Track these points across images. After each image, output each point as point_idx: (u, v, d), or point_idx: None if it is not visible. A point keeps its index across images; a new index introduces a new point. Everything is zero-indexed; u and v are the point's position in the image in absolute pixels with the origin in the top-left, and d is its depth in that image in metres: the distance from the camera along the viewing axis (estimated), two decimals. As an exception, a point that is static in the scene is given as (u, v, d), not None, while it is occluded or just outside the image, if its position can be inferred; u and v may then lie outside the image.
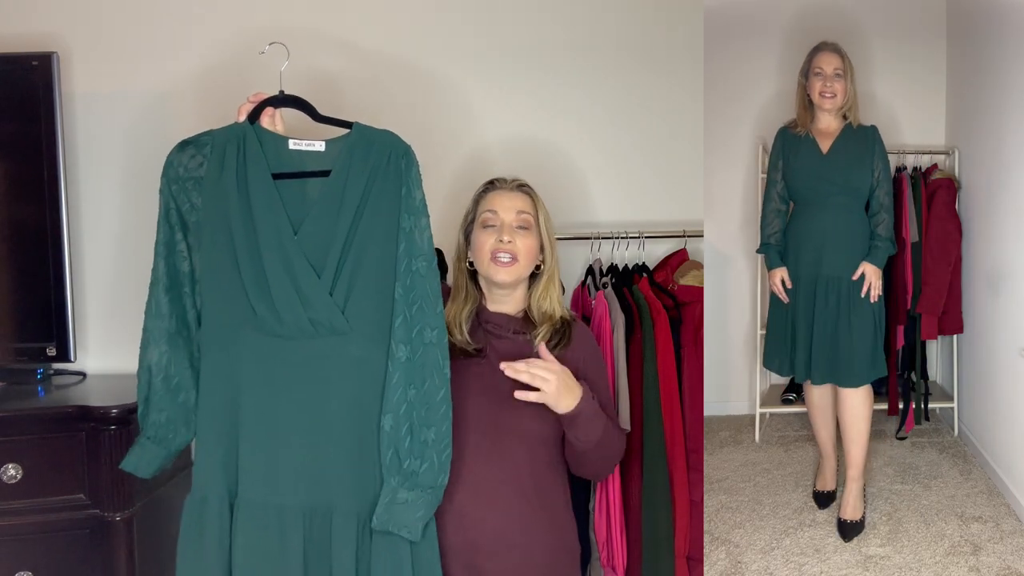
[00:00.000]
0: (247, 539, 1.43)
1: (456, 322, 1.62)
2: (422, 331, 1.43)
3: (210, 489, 1.44)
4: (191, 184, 1.46)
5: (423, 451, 1.42)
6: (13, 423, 1.73)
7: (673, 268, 2.22)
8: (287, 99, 1.52)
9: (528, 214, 1.64)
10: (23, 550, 1.73)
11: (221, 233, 1.43)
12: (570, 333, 1.64)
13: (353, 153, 1.44)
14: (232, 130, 1.47)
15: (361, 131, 1.47)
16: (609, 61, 2.32)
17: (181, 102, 2.14)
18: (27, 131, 1.95)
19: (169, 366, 1.49)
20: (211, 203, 1.44)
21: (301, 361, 1.42)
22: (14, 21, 2.12)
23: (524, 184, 1.68)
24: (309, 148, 1.46)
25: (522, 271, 1.63)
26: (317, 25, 2.19)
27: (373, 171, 1.44)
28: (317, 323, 1.41)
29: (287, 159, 1.46)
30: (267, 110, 1.50)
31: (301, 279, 1.39)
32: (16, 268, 1.97)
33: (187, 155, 1.47)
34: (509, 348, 1.61)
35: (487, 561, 1.53)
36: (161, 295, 1.48)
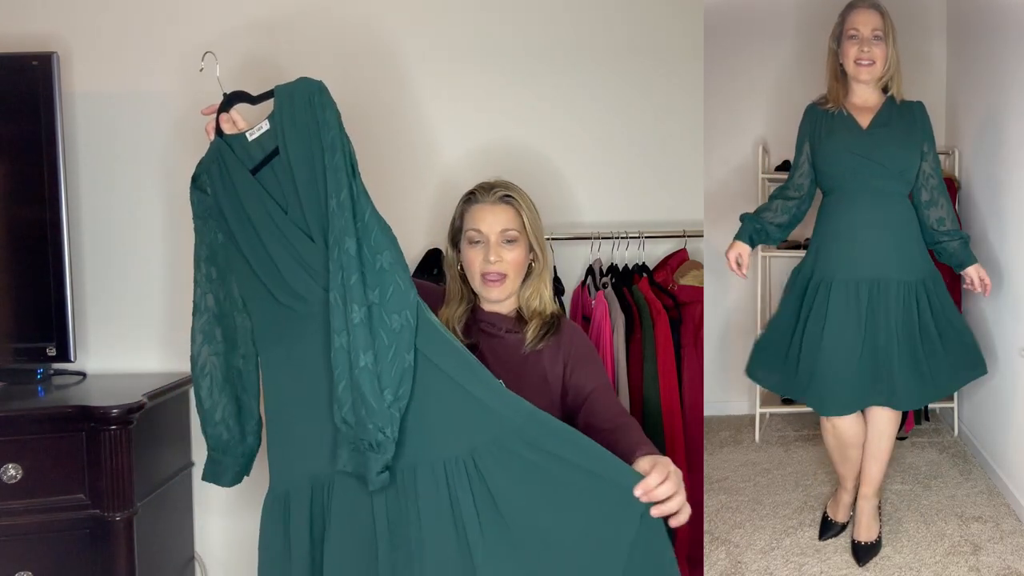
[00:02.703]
0: (339, 513, 1.41)
1: (450, 323, 1.63)
2: (349, 277, 1.38)
3: (294, 483, 1.45)
4: (211, 222, 1.53)
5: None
6: (13, 423, 1.73)
7: (673, 268, 2.22)
8: (231, 99, 1.53)
9: (513, 229, 1.61)
10: (23, 550, 1.73)
11: (234, 245, 1.50)
12: (559, 324, 1.65)
13: (283, 117, 1.45)
14: (210, 152, 1.52)
15: (281, 90, 1.47)
16: (608, 60, 2.32)
17: (181, 102, 2.14)
18: (27, 131, 1.95)
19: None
20: (221, 223, 1.51)
21: (321, 332, 1.42)
22: (14, 21, 2.12)
23: (507, 193, 1.62)
24: (260, 132, 1.48)
25: (513, 285, 1.63)
26: (313, 20, 2.19)
27: (302, 125, 1.44)
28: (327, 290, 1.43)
29: (253, 151, 1.49)
30: (223, 117, 1.52)
31: (299, 249, 1.43)
32: (16, 268, 1.97)
33: (194, 195, 1.54)
34: (501, 346, 1.62)
35: None
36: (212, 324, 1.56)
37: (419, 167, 2.25)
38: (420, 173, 2.25)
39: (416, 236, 2.22)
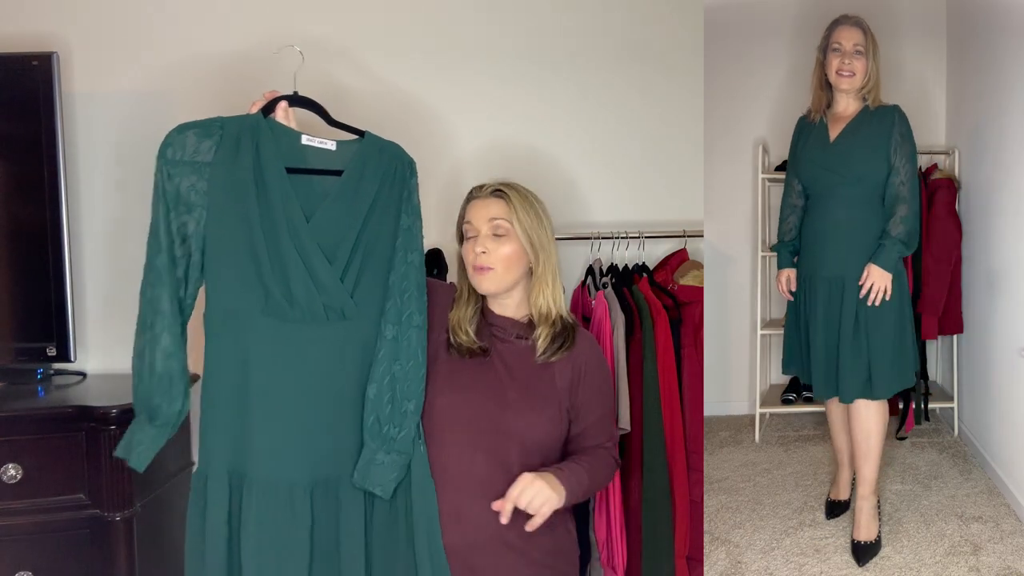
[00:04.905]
0: (259, 515, 1.48)
1: (461, 324, 1.62)
2: (411, 315, 1.56)
3: (213, 467, 1.49)
4: (190, 168, 1.48)
5: (402, 420, 1.53)
6: (13, 423, 1.73)
7: (673, 268, 2.22)
8: (301, 100, 1.60)
9: (501, 220, 1.59)
10: (23, 550, 1.73)
11: (235, 220, 1.48)
12: (573, 337, 1.63)
13: (366, 157, 1.57)
14: (246, 120, 1.51)
15: (373, 139, 1.60)
16: (609, 60, 2.32)
17: (181, 102, 2.14)
18: (27, 131, 1.94)
19: (172, 349, 1.50)
20: (223, 190, 1.48)
21: (310, 344, 1.50)
22: (14, 21, 2.12)
23: (500, 189, 1.61)
24: (321, 146, 1.56)
25: (501, 279, 1.60)
26: (322, 31, 2.19)
27: (384, 175, 1.57)
28: (329, 308, 1.50)
29: (298, 153, 1.54)
30: (282, 104, 1.56)
31: (315, 264, 1.48)
32: (16, 268, 1.97)
33: (190, 139, 1.49)
34: (511, 351, 1.62)
35: (482, 558, 1.54)
36: (164, 276, 1.48)
37: (424, 169, 2.25)
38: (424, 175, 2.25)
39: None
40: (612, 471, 1.68)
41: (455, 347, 1.60)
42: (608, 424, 1.69)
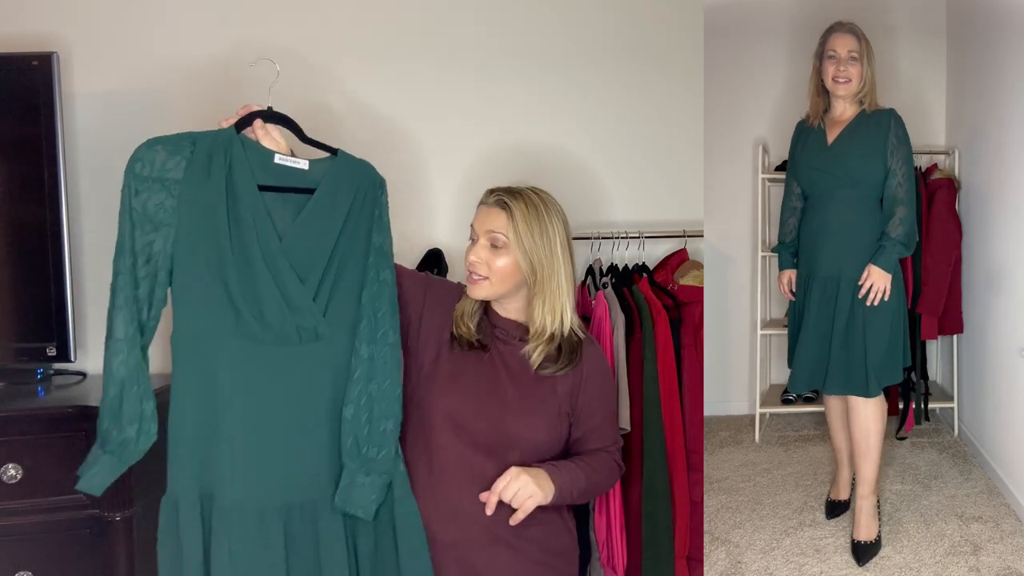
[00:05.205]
0: (230, 544, 1.43)
1: (463, 316, 1.62)
2: (385, 333, 1.53)
3: (183, 493, 1.44)
4: (159, 185, 1.44)
5: (382, 439, 1.52)
6: (13, 423, 1.73)
7: (673, 268, 2.22)
8: (275, 116, 1.54)
9: (499, 233, 1.56)
10: (23, 550, 1.73)
11: (205, 239, 1.43)
12: (579, 353, 1.61)
13: (339, 176, 1.53)
14: (218, 136, 1.47)
15: (345, 158, 1.56)
16: (609, 61, 2.32)
17: (181, 102, 2.14)
18: (27, 131, 1.94)
19: (122, 374, 1.44)
20: (193, 208, 1.44)
21: (282, 366, 1.46)
22: (14, 21, 2.11)
23: (503, 198, 1.58)
24: (295, 165, 1.51)
25: (492, 289, 1.58)
26: (316, 26, 2.19)
27: (356, 194, 1.54)
28: (301, 328, 1.46)
29: (271, 172, 1.49)
30: (257, 122, 1.51)
31: (287, 284, 1.44)
32: (16, 268, 1.97)
33: (159, 154, 1.45)
34: (512, 354, 1.61)
35: (479, 556, 1.54)
36: (123, 296, 1.43)
37: (427, 171, 2.25)
38: (429, 178, 2.25)
39: (417, 239, 2.22)
40: (614, 475, 1.68)
41: (456, 339, 1.60)
42: (611, 428, 1.69)
